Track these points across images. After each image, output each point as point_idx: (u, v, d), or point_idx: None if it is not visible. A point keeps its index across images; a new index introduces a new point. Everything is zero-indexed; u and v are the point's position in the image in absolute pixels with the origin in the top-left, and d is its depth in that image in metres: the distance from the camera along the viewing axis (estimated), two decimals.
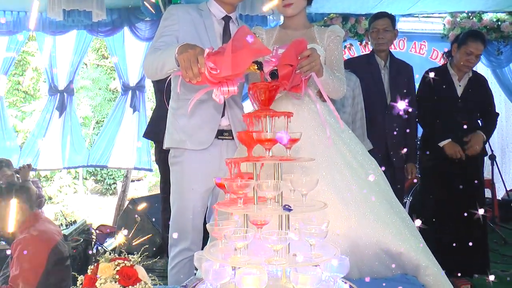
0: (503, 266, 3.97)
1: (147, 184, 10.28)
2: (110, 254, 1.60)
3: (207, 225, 1.58)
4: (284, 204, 1.50)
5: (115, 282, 1.47)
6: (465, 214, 3.36)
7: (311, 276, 1.36)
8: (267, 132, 1.58)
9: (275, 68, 1.67)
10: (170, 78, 2.27)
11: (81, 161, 5.85)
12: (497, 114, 3.63)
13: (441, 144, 3.45)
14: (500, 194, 5.98)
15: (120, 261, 1.52)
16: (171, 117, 2.27)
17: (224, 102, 2.20)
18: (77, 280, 1.53)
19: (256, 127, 1.66)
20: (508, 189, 5.79)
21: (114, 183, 10.64)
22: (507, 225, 5.34)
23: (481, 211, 3.46)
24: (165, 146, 2.32)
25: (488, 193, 5.23)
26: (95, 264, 1.53)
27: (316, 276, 1.37)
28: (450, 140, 3.43)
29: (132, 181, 8.03)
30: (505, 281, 3.61)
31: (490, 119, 3.61)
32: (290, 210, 1.47)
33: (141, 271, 1.55)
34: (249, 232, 1.45)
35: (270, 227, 1.56)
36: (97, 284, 1.46)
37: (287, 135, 1.54)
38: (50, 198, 9.37)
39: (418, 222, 2.11)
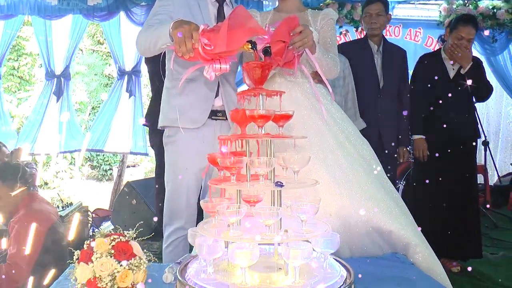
0: (493, 249, 4.05)
1: (143, 170, 10.28)
2: None
3: (201, 202, 1.61)
4: (276, 181, 1.54)
5: (111, 256, 1.50)
6: (458, 199, 3.41)
7: (302, 250, 1.39)
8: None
9: (268, 45, 1.70)
10: (165, 59, 2.30)
11: (77, 146, 5.87)
12: (491, 88, 3.61)
13: (413, 137, 3.53)
14: (493, 180, 6.05)
15: (115, 236, 1.55)
16: (165, 96, 2.30)
17: (218, 83, 2.24)
18: (74, 255, 1.56)
19: (248, 107, 1.69)
20: (500, 175, 5.85)
21: (110, 169, 10.64)
22: (498, 210, 5.43)
23: (473, 196, 3.53)
24: (159, 125, 2.35)
25: (480, 179, 5.29)
26: (91, 239, 1.56)
27: (307, 250, 1.40)
28: (422, 136, 3.50)
29: (128, 166, 8.04)
30: (494, 263, 3.69)
31: (484, 96, 3.66)
32: (282, 186, 1.50)
33: (136, 247, 1.57)
34: (242, 207, 1.49)
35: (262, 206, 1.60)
36: (93, 258, 1.48)
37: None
38: (46, 183, 9.38)
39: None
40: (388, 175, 2.26)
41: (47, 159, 9.50)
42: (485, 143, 5.11)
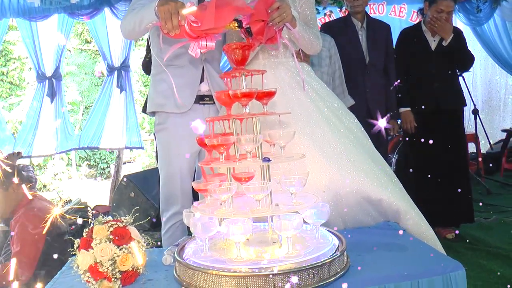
0: (486, 214, 4.14)
1: (140, 165, 10.31)
2: None
3: (192, 183, 1.66)
4: (264, 157, 1.59)
5: (110, 242, 1.55)
6: (447, 167, 3.47)
7: (293, 221, 1.45)
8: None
9: (248, 25, 1.74)
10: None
11: (72, 145, 5.90)
12: (473, 57, 3.65)
13: (400, 110, 3.59)
14: (485, 148, 6.13)
15: (113, 222, 1.60)
16: (152, 83, 2.34)
17: (203, 67, 2.27)
18: (74, 244, 1.61)
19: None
20: (491, 142, 5.92)
21: (107, 167, 10.67)
22: (491, 177, 5.52)
23: (463, 163, 3.59)
24: (147, 111, 2.39)
25: (472, 147, 5.36)
26: (90, 227, 1.61)
27: (297, 221, 1.46)
28: (409, 109, 3.56)
29: (124, 163, 8.07)
30: (486, 227, 3.79)
31: (466, 66, 3.72)
32: (269, 161, 1.55)
33: (133, 231, 1.63)
34: (233, 184, 1.54)
35: None
36: (92, 244, 1.53)
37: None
38: (44, 186, 9.40)
39: None
40: (376, 147, 2.31)
41: (43, 162, 9.51)
42: (475, 112, 5.16)
